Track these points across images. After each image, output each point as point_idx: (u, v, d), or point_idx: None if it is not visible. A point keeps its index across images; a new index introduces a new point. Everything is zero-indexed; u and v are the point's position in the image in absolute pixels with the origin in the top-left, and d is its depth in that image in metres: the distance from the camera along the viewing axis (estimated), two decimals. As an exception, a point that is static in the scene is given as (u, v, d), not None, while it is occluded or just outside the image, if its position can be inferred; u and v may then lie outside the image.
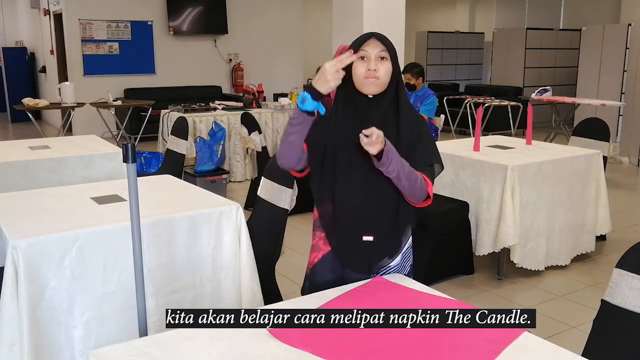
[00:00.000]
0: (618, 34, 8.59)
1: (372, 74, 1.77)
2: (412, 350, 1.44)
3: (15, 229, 2.20)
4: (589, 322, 1.81)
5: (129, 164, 1.82)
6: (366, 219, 1.83)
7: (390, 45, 1.81)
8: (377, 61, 1.78)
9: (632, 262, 1.71)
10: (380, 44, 1.79)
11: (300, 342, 1.48)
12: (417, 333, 1.52)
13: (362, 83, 1.79)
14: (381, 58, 1.79)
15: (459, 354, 1.44)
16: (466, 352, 1.44)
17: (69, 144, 4.15)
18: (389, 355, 1.42)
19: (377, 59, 1.78)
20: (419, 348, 1.45)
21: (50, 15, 10.25)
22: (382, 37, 1.82)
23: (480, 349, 1.45)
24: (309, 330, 1.53)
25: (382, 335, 1.51)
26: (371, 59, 1.78)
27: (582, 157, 4.04)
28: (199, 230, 2.46)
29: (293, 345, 1.47)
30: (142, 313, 1.93)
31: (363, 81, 1.79)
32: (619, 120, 8.56)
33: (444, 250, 3.78)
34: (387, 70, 1.80)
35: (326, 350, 1.45)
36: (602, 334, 1.77)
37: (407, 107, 1.87)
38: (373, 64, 1.77)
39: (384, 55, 1.79)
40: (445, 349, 1.46)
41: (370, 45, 1.79)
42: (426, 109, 5.76)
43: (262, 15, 10.76)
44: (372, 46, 1.79)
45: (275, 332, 1.52)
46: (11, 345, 2.02)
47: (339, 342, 1.48)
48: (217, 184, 5.63)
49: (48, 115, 11.47)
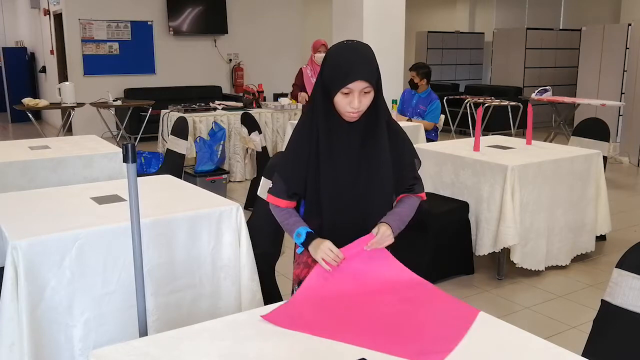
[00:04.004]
0: (618, 34, 8.60)
1: (354, 110, 1.75)
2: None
3: (15, 229, 2.20)
4: (589, 322, 1.81)
5: (129, 164, 1.82)
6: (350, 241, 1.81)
7: (375, 77, 1.75)
8: (361, 95, 1.74)
9: (632, 262, 1.72)
10: (365, 81, 1.73)
11: (291, 323, 1.55)
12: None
13: (342, 114, 1.78)
14: (365, 92, 1.75)
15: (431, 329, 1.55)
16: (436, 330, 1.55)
17: (69, 144, 4.15)
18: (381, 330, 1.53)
19: (361, 93, 1.74)
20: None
21: (50, 15, 10.25)
22: (369, 74, 1.74)
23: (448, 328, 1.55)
24: (298, 311, 1.62)
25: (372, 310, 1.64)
26: (355, 96, 1.73)
27: (582, 157, 4.04)
28: (198, 230, 2.46)
29: (284, 326, 1.54)
30: (142, 312, 1.93)
31: (344, 113, 1.77)
32: (619, 120, 8.56)
33: (444, 250, 3.78)
34: (370, 100, 1.77)
35: (318, 328, 1.53)
36: (602, 334, 1.77)
37: (385, 122, 1.84)
38: (357, 101, 1.74)
39: (368, 90, 1.75)
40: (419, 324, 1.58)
41: (355, 83, 1.72)
42: (432, 116, 5.78)
43: (262, 15, 10.76)
44: (357, 84, 1.73)
45: (268, 317, 1.59)
46: (11, 345, 2.02)
47: (329, 320, 1.57)
48: (217, 184, 5.63)
49: (48, 115, 11.48)
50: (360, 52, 1.76)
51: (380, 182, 1.83)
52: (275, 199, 1.89)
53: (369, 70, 1.75)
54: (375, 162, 1.80)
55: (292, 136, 1.90)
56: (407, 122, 5.67)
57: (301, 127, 1.89)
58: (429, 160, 4.16)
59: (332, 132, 1.80)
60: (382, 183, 1.84)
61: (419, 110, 5.85)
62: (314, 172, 1.81)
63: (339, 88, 1.73)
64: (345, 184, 1.81)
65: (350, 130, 1.80)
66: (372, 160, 1.80)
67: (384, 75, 1.85)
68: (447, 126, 8.48)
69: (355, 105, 1.73)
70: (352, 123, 1.80)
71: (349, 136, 1.80)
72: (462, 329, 1.54)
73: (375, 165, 1.81)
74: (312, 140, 1.81)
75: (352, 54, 1.75)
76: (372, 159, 1.79)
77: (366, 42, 1.81)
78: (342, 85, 1.72)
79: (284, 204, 1.89)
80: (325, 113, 1.79)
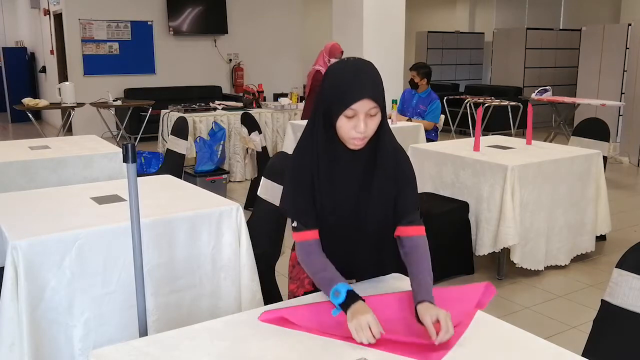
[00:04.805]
0: (618, 34, 8.60)
1: (359, 136, 1.58)
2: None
3: (15, 229, 2.20)
4: (589, 322, 1.81)
5: (129, 164, 1.82)
6: (347, 267, 1.73)
7: (381, 96, 1.58)
8: (367, 118, 1.56)
9: (632, 262, 1.71)
10: (372, 101, 1.55)
11: (290, 322, 1.54)
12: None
13: (346, 141, 1.61)
14: (371, 115, 1.57)
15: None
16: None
17: (69, 144, 4.15)
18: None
19: (367, 116, 1.56)
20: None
21: (50, 15, 10.25)
22: (375, 93, 1.56)
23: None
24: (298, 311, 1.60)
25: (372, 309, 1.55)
26: (360, 118, 1.55)
27: (582, 157, 4.04)
28: (198, 230, 2.46)
29: (284, 325, 1.53)
30: (142, 312, 1.93)
31: (348, 139, 1.60)
32: (619, 120, 8.56)
33: (444, 250, 3.78)
34: (376, 124, 1.60)
35: (318, 327, 1.52)
36: (602, 334, 1.77)
37: (392, 150, 1.70)
38: (362, 124, 1.55)
39: (374, 113, 1.57)
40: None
41: (360, 103, 1.54)
42: (432, 116, 5.77)
43: (262, 15, 10.76)
44: (362, 104, 1.54)
45: (265, 316, 1.58)
46: (11, 345, 2.02)
47: (330, 319, 1.55)
48: (217, 184, 5.63)
49: (48, 115, 11.48)
50: (363, 69, 1.59)
51: (381, 216, 1.72)
52: (299, 234, 1.71)
53: (375, 88, 1.57)
54: (376, 194, 1.67)
55: (293, 163, 1.73)
56: (407, 122, 5.67)
57: (300, 155, 1.71)
58: (429, 160, 4.16)
59: (334, 163, 1.65)
60: (383, 218, 1.72)
61: (419, 110, 5.85)
62: (317, 203, 1.70)
63: (341, 110, 1.55)
64: (344, 216, 1.71)
65: (354, 159, 1.65)
66: (373, 192, 1.67)
67: (384, 75, 1.77)
68: (447, 126, 8.48)
69: (361, 128, 1.55)
70: (355, 152, 1.63)
71: (352, 167, 1.65)
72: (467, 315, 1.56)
73: (376, 199, 1.69)
74: (313, 171, 1.67)
75: (355, 71, 1.58)
76: (374, 191, 1.66)
77: (366, 42, 1.76)
78: (346, 106, 1.54)
79: (309, 235, 1.70)
80: (327, 142, 1.64)
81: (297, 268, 1.93)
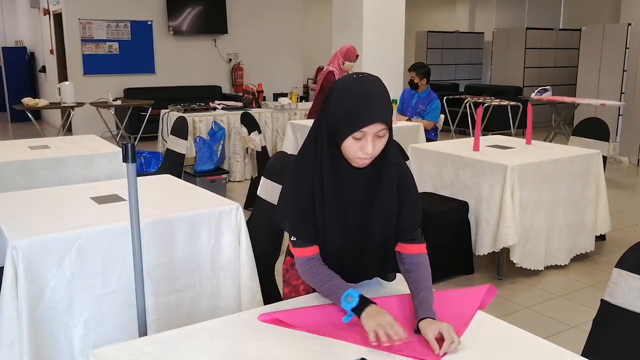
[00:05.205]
0: (618, 34, 8.59)
1: (366, 157, 1.56)
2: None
3: (15, 229, 2.20)
4: (589, 321, 1.81)
5: (128, 164, 1.82)
6: (348, 271, 1.73)
7: (390, 116, 1.55)
8: (375, 139, 1.54)
9: (632, 262, 1.72)
10: (382, 123, 1.53)
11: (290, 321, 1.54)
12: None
13: (351, 160, 1.59)
14: (379, 136, 1.55)
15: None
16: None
17: (69, 143, 4.15)
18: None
19: (375, 137, 1.54)
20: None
21: (50, 15, 10.25)
22: (385, 115, 1.53)
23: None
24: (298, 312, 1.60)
25: None
26: (368, 140, 1.53)
27: (582, 157, 4.04)
28: (198, 230, 2.46)
29: (283, 325, 1.53)
30: (142, 312, 1.93)
31: (353, 159, 1.58)
32: (619, 120, 8.56)
33: (444, 250, 3.78)
34: (384, 144, 1.58)
35: (318, 327, 1.53)
36: (602, 334, 1.77)
37: (395, 165, 1.67)
38: (370, 146, 1.53)
39: (383, 134, 1.55)
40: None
41: (371, 127, 1.52)
42: (431, 116, 5.78)
43: (262, 15, 10.76)
44: (373, 127, 1.52)
45: (265, 317, 1.58)
46: (11, 344, 2.02)
47: (330, 318, 1.56)
48: (216, 183, 5.63)
49: (48, 115, 11.47)
50: (373, 90, 1.54)
51: (383, 232, 1.70)
52: (300, 250, 1.69)
53: (385, 110, 1.53)
54: (378, 210, 1.66)
55: (293, 175, 1.69)
56: (406, 121, 5.67)
57: (301, 168, 1.67)
58: (429, 160, 4.16)
59: (338, 179, 1.63)
60: (385, 233, 1.70)
61: (419, 110, 5.85)
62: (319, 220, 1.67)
63: (350, 132, 1.52)
64: (345, 232, 1.68)
65: (357, 175, 1.63)
66: (375, 209, 1.65)
67: (384, 76, 1.75)
68: (446, 126, 8.48)
69: (368, 150, 1.53)
70: (359, 168, 1.62)
71: (355, 183, 1.64)
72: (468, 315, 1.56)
73: (378, 215, 1.67)
74: (314, 185, 1.64)
75: (364, 92, 1.53)
76: (376, 207, 1.65)
77: (366, 42, 1.75)
78: (354, 129, 1.51)
79: (310, 251, 1.68)
80: (331, 159, 1.61)
81: (291, 272, 1.92)
